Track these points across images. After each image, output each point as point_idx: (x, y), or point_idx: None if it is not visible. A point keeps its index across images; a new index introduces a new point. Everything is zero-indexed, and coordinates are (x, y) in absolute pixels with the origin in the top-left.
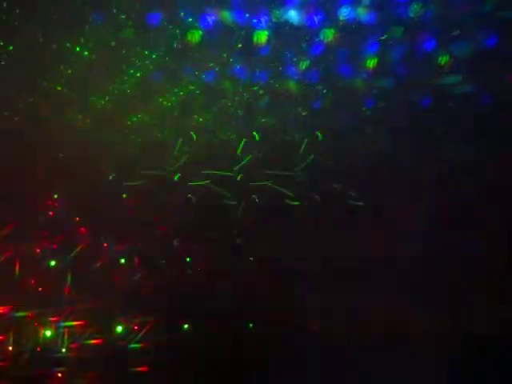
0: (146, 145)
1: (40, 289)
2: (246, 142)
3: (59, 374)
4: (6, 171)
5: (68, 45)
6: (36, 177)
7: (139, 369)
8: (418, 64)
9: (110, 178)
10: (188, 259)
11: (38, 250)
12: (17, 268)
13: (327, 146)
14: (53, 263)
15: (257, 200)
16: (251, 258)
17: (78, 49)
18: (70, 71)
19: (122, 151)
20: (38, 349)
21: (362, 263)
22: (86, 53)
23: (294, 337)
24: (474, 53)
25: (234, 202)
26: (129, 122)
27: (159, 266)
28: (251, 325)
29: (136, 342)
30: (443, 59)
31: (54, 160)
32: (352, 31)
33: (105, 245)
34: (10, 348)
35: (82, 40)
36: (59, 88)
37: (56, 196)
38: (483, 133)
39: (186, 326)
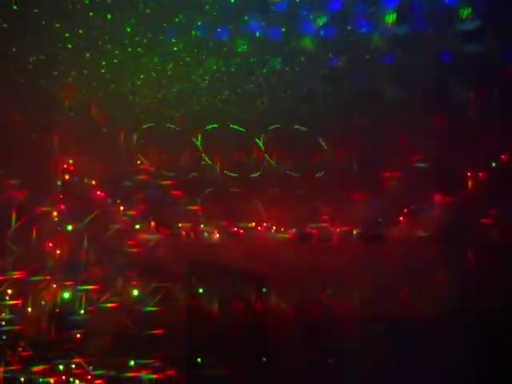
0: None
1: (57, 253)
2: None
3: (78, 336)
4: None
5: None
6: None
7: (155, 331)
8: (438, 19)
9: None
10: (202, 225)
11: (55, 215)
12: (34, 233)
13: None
14: (70, 228)
15: None
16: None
17: None
18: None
19: None
20: (57, 311)
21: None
22: None
23: (307, 303)
24: (496, 6)
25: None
26: None
27: (174, 231)
28: (264, 289)
29: (152, 306)
30: (465, 12)
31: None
32: None
33: (121, 209)
34: (30, 310)
35: None
36: None
37: (71, 161)
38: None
39: (200, 290)
